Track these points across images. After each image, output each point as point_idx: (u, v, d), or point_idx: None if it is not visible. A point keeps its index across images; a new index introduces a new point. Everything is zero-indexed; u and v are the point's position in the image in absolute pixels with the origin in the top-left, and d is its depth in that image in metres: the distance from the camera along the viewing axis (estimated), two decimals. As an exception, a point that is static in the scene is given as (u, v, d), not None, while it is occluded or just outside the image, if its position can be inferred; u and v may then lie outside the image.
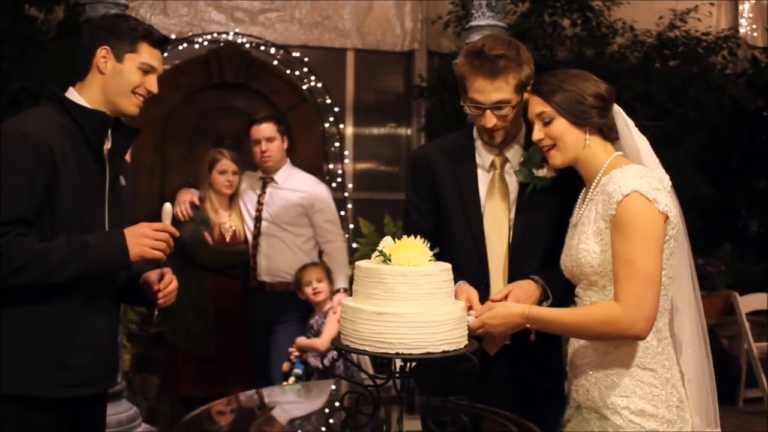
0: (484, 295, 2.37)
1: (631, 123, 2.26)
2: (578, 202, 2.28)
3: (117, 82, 2.28)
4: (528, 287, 2.35)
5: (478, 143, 2.52)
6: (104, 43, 2.27)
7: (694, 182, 5.60)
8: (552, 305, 2.30)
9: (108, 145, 2.31)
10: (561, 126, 2.20)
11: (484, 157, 2.51)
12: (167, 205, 2.30)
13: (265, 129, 4.18)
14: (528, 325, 2.18)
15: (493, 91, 2.34)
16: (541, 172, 2.41)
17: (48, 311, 2.16)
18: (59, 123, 2.22)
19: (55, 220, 2.16)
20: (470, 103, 2.39)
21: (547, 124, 2.22)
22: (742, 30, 7.18)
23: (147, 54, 2.29)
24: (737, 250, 6.45)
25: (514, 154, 2.49)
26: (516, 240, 2.45)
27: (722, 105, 5.90)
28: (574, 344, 2.26)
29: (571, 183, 2.34)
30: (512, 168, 2.48)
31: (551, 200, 2.42)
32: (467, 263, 2.42)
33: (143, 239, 2.19)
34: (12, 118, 2.30)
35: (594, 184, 2.20)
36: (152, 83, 2.32)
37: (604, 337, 2.13)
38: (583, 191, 2.27)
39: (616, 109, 2.25)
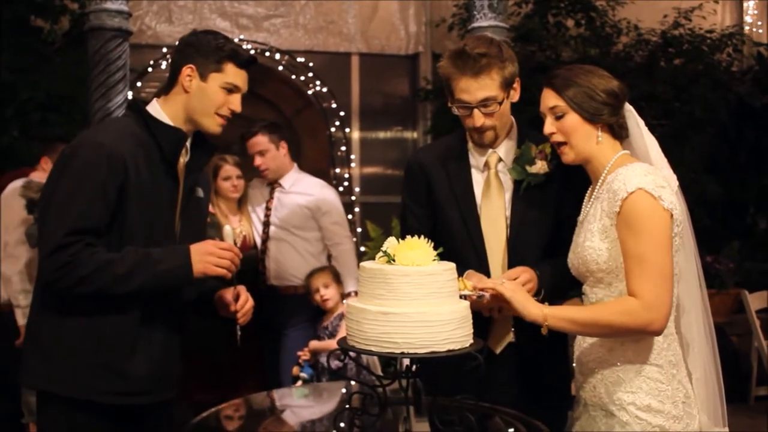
0: None
1: (641, 122, 2.26)
2: (585, 200, 2.28)
3: (200, 101, 2.27)
4: (531, 273, 2.35)
5: (471, 145, 2.54)
6: (190, 61, 2.26)
7: (702, 180, 5.59)
8: (546, 298, 2.28)
9: (186, 158, 2.32)
10: (573, 121, 2.19)
11: (477, 157, 2.53)
12: (228, 228, 2.37)
13: (256, 144, 4.15)
14: (545, 311, 2.09)
15: (478, 89, 2.36)
16: (535, 169, 2.43)
17: (108, 320, 2.18)
18: (136, 135, 2.23)
19: (123, 230, 2.17)
20: (457, 103, 2.42)
21: (559, 118, 2.21)
22: (746, 27, 7.16)
23: (232, 74, 2.27)
24: (746, 247, 6.42)
25: (507, 152, 2.50)
26: (513, 236, 2.46)
27: (728, 103, 5.89)
28: (581, 342, 2.25)
29: (566, 178, 2.36)
30: (506, 166, 2.49)
31: (546, 196, 2.44)
32: (467, 264, 2.41)
33: (207, 257, 2.21)
34: (90, 128, 2.31)
35: (600, 181, 2.20)
36: (236, 103, 2.30)
37: (620, 330, 2.07)
38: (590, 189, 2.27)
39: (628, 108, 2.24)
